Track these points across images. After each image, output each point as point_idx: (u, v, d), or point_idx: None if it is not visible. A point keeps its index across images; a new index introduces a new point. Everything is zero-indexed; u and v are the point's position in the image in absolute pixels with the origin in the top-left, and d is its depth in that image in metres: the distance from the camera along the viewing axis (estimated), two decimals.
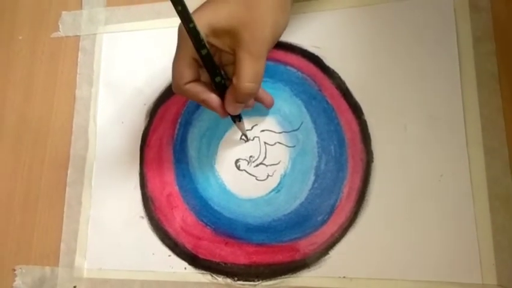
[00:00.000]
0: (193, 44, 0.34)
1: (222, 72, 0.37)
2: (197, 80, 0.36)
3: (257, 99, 0.41)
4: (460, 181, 0.38)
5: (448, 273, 0.37)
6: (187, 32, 0.33)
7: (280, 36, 0.36)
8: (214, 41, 0.35)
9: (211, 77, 0.36)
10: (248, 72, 0.34)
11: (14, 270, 0.46)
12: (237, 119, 0.40)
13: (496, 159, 0.38)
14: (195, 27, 0.33)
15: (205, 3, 0.35)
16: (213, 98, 0.37)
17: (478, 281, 0.36)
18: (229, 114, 0.38)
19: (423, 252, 0.37)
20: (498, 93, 0.39)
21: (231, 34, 0.34)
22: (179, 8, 0.32)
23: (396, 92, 0.41)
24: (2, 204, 0.48)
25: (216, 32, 0.34)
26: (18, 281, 0.45)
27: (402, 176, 0.39)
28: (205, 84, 0.37)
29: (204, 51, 0.34)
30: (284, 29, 0.36)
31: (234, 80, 0.34)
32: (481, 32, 0.40)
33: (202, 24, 0.33)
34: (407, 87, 0.40)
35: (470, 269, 0.36)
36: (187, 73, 0.35)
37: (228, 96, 0.36)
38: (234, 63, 0.35)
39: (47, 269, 0.45)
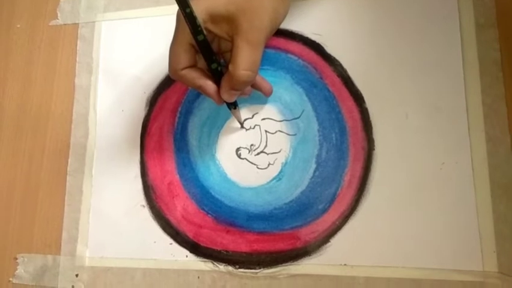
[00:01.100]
0: (190, 29, 0.33)
1: (221, 60, 0.37)
2: (193, 65, 0.36)
3: (255, 87, 0.40)
4: (461, 169, 0.38)
5: (449, 260, 0.37)
6: (184, 18, 0.33)
7: (279, 24, 0.36)
8: (212, 28, 0.35)
9: (207, 63, 0.36)
10: (244, 59, 0.34)
11: (16, 258, 0.46)
12: (232, 106, 0.40)
13: (498, 148, 0.38)
14: (191, 13, 0.32)
15: None
16: (209, 84, 0.37)
17: (479, 268, 0.36)
18: (225, 101, 0.38)
19: (425, 240, 0.37)
20: (501, 80, 0.38)
21: (229, 21, 0.34)
22: None
23: (398, 79, 0.40)
24: (3, 193, 0.48)
25: (214, 19, 0.34)
26: (20, 270, 0.45)
27: (403, 164, 0.39)
28: (201, 70, 0.37)
29: (200, 37, 0.34)
30: (284, 17, 0.36)
31: (230, 67, 0.34)
32: (484, 19, 0.39)
33: (200, 10, 0.33)
34: (408, 75, 0.40)
35: (471, 256, 0.36)
36: (184, 58, 0.35)
37: (224, 83, 0.36)
38: (231, 50, 0.34)
39: (49, 257, 0.45)
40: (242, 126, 0.43)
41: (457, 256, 0.37)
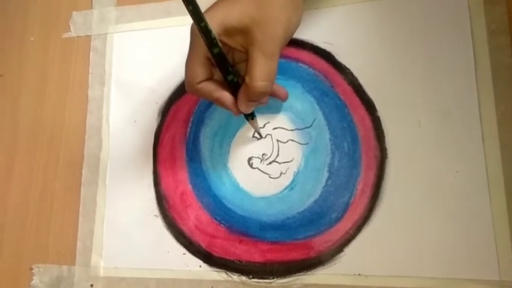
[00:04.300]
0: (205, 42, 0.34)
1: (235, 71, 0.37)
2: (210, 78, 0.36)
3: (271, 94, 0.40)
4: (476, 177, 0.37)
5: (464, 270, 0.36)
6: (199, 31, 0.33)
7: (293, 33, 0.36)
8: (227, 40, 0.35)
9: (223, 76, 0.36)
10: (261, 71, 0.34)
11: (32, 269, 0.46)
12: (250, 117, 0.40)
13: None
14: (206, 26, 0.32)
15: (217, 2, 0.35)
16: (226, 96, 0.37)
17: (495, 278, 0.36)
18: (242, 112, 0.38)
19: (440, 249, 0.37)
20: None
21: (243, 33, 0.34)
22: (191, 7, 0.32)
23: (409, 87, 0.40)
24: (19, 204, 0.49)
25: (228, 31, 0.34)
26: (36, 280, 0.46)
27: (417, 172, 0.39)
28: (218, 82, 0.37)
29: (215, 50, 0.34)
30: (297, 26, 0.36)
31: (247, 79, 0.34)
32: (495, 25, 0.39)
33: (214, 23, 0.33)
34: (420, 82, 0.40)
35: (487, 265, 0.36)
36: (200, 72, 0.35)
37: (241, 95, 0.36)
38: (247, 61, 0.35)
39: (64, 267, 0.45)
40: (260, 136, 0.43)
41: (472, 265, 0.36)
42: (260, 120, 0.43)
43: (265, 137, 0.43)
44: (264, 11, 0.33)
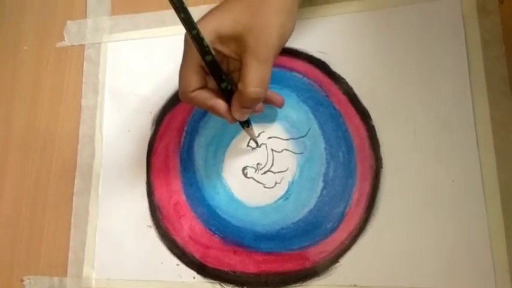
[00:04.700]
0: (198, 50, 0.33)
1: (229, 78, 0.37)
2: (204, 87, 0.36)
3: (267, 101, 0.40)
4: (471, 186, 0.37)
5: (461, 280, 0.36)
6: (191, 39, 0.33)
7: (287, 40, 0.35)
8: (221, 48, 0.35)
9: (217, 83, 0.36)
10: (254, 77, 0.34)
11: (23, 280, 0.46)
12: (245, 124, 0.40)
13: (508, 163, 0.37)
14: (198, 34, 0.32)
15: (210, 10, 0.35)
16: (220, 104, 0.36)
17: None
18: (237, 119, 0.38)
19: (435, 259, 0.37)
20: (509, 96, 0.38)
21: (237, 40, 0.34)
22: (182, 15, 0.32)
23: (404, 96, 0.40)
24: (10, 214, 0.48)
25: (222, 39, 0.34)
26: None
27: (412, 181, 0.38)
28: (212, 90, 0.37)
29: (208, 58, 0.34)
30: (291, 32, 0.36)
31: (240, 85, 0.34)
32: (489, 35, 0.39)
33: (208, 31, 0.33)
34: (415, 91, 0.40)
35: (484, 276, 0.36)
36: (194, 80, 0.35)
37: (234, 102, 0.36)
38: (240, 68, 0.34)
39: (56, 279, 0.45)
40: (256, 144, 0.43)
41: (469, 275, 0.36)
42: (255, 130, 0.42)
43: (260, 146, 0.43)
44: (257, 18, 0.33)
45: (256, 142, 0.43)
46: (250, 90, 0.34)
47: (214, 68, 0.35)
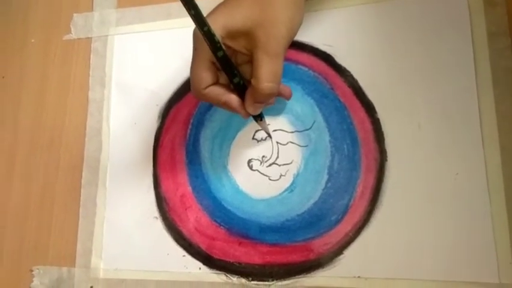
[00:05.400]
0: (209, 46, 0.34)
1: (240, 73, 0.37)
2: (216, 82, 0.36)
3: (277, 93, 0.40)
4: (475, 179, 0.37)
5: (464, 272, 0.36)
6: (202, 36, 0.33)
7: (296, 33, 0.35)
8: (231, 43, 0.35)
9: (229, 79, 0.36)
10: (266, 72, 0.34)
11: (32, 270, 0.46)
12: (258, 118, 0.40)
13: None
14: (209, 30, 0.33)
15: (218, 5, 0.35)
16: (234, 99, 0.37)
17: (495, 280, 0.35)
18: (251, 114, 0.38)
19: (439, 251, 0.37)
20: None
21: (246, 35, 0.34)
22: (193, 12, 0.32)
23: (409, 89, 0.40)
24: (19, 206, 0.49)
25: (232, 34, 0.34)
26: (36, 282, 0.46)
27: (416, 174, 0.39)
28: (224, 86, 0.37)
29: (220, 53, 0.34)
30: (299, 26, 0.36)
31: (253, 81, 0.34)
32: (495, 27, 0.39)
33: (217, 26, 0.33)
34: (420, 84, 0.40)
35: (487, 268, 0.36)
36: (206, 77, 0.35)
37: (248, 97, 0.36)
38: (252, 63, 0.35)
39: (64, 269, 0.45)
40: (270, 137, 0.43)
41: (472, 268, 0.36)
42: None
43: (265, 139, 0.43)
44: (266, 13, 0.33)
45: (269, 134, 0.43)
46: (264, 86, 0.34)
47: (226, 63, 0.35)
